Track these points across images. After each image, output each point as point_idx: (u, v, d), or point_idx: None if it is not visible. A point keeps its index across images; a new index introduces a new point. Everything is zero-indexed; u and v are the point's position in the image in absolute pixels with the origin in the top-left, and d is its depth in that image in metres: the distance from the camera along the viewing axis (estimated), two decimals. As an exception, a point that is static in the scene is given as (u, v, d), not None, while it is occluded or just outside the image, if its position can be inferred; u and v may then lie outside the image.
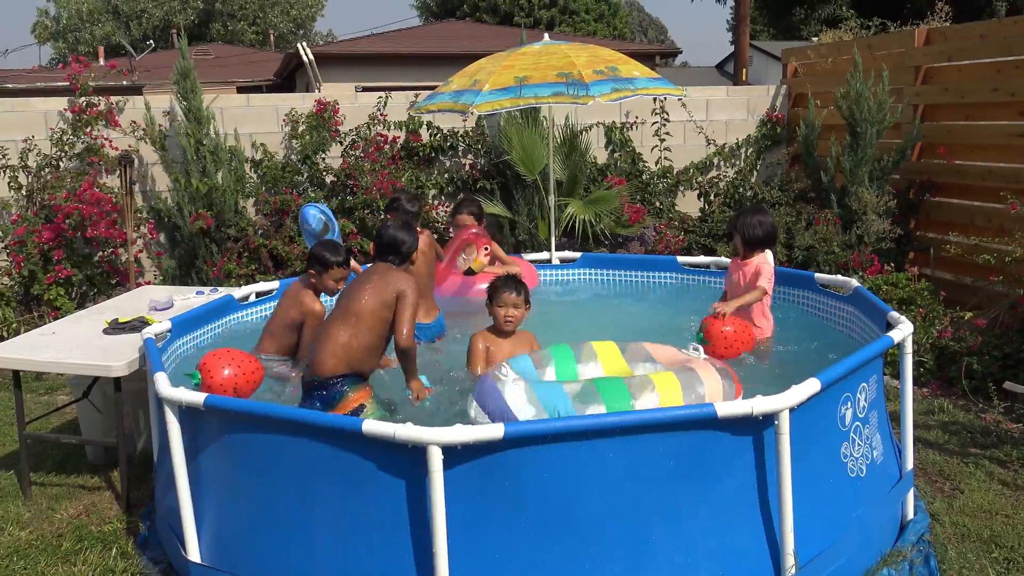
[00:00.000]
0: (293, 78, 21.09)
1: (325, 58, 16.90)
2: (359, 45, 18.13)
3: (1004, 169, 6.59)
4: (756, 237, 4.57)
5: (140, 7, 37.43)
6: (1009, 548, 3.52)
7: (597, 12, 29.36)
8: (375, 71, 17.20)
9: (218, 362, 3.56)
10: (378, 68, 17.28)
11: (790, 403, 2.82)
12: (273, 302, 5.02)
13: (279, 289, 5.18)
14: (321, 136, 7.81)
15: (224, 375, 3.52)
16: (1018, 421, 4.83)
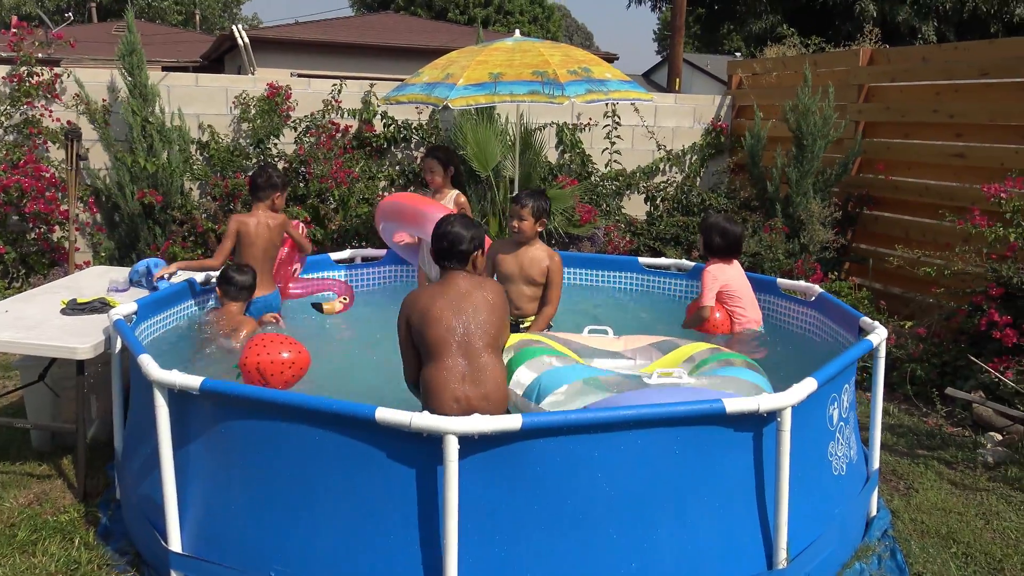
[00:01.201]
0: (222, 61, 20.49)
1: (260, 42, 16.48)
2: (296, 31, 17.75)
3: (940, 187, 6.94)
4: (714, 244, 4.78)
5: (54, -23, 35.76)
6: (966, 544, 3.72)
7: (531, 14, 29.51)
8: (311, 59, 16.87)
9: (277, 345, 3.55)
10: (314, 56, 16.96)
11: (793, 401, 2.92)
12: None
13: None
14: (272, 121, 7.63)
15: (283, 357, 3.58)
16: (958, 425, 5.09)
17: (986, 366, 5.02)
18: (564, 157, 8.84)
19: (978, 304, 5.38)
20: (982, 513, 4.00)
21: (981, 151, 6.57)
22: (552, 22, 31.19)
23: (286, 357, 3.67)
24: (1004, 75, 6.41)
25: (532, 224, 4.53)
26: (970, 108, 6.69)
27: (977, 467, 4.49)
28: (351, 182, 7.32)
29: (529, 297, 4.69)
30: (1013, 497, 4.17)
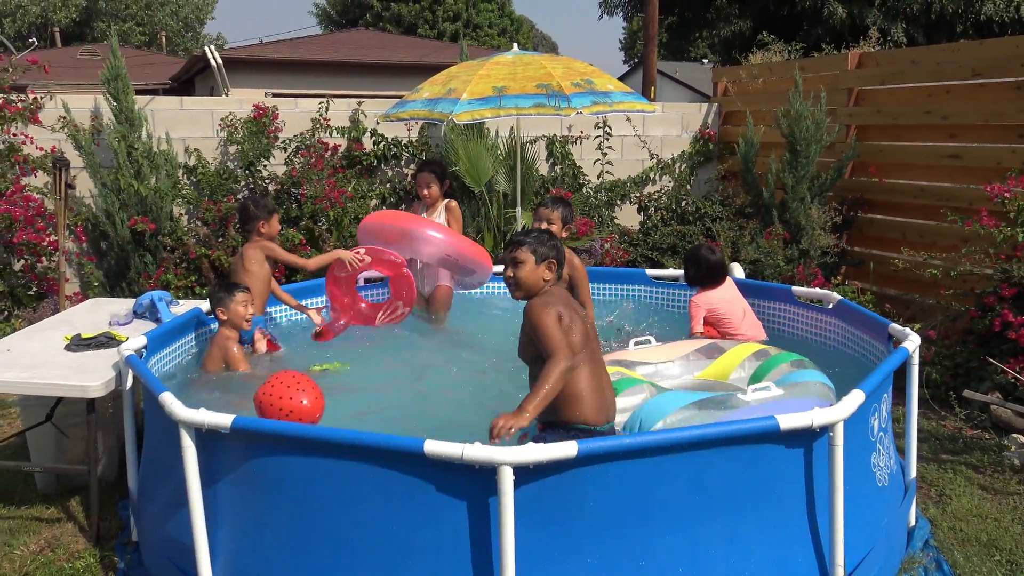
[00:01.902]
0: (192, 82, 20.25)
1: (232, 62, 16.30)
2: (268, 50, 17.58)
3: (936, 188, 6.96)
4: (694, 275, 4.89)
5: (15, 3, 35.18)
6: (1008, 551, 3.67)
7: (500, 27, 29.56)
8: (285, 78, 16.72)
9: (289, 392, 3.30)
10: (288, 75, 16.81)
11: (845, 414, 2.85)
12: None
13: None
14: (261, 142, 7.48)
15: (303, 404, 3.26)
16: (977, 427, 5.07)
17: (1004, 367, 5.01)
18: (555, 170, 8.78)
19: (989, 305, 5.37)
20: (1019, 518, 3.96)
21: (977, 151, 6.59)
22: (521, 34, 31.27)
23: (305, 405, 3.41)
24: (996, 75, 6.44)
25: (560, 229, 4.59)
26: (963, 109, 6.71)
27: (1005, 470, 4.46)
28: (344, 201, 7.19)
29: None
30: (1045, 500, 4.13)
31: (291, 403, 3.23)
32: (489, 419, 2.92)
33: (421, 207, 5.68)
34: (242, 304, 4.39)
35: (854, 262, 7.63)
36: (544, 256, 3.27)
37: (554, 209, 4.63)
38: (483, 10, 29.37)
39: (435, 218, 5.48)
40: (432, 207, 5.51)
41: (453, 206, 5.53)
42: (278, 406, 3.28)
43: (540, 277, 3.28)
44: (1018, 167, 6.05)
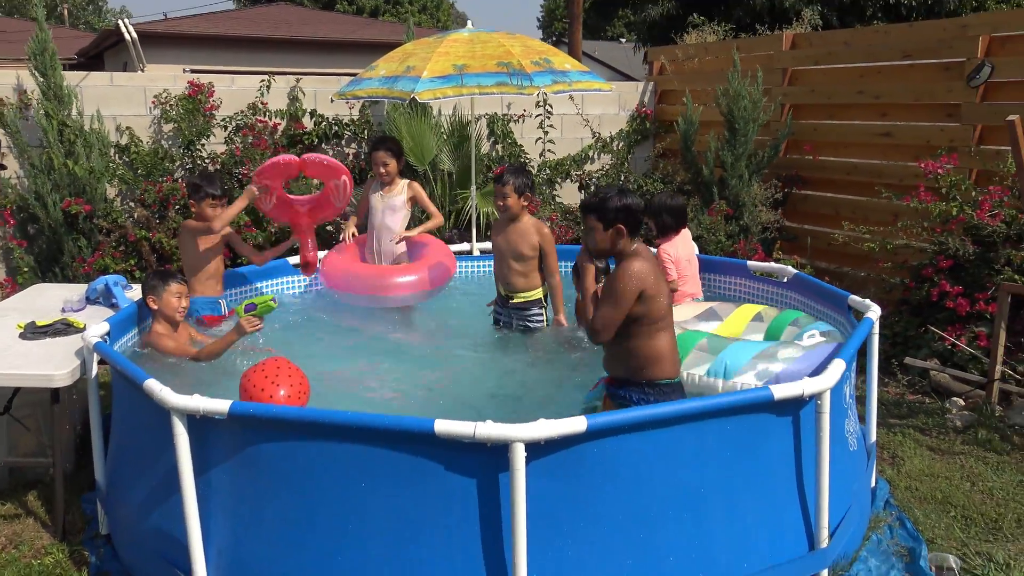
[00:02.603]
0: (101, 57, 19.40)
1: (147, 37, 15.67)
2: (186, 25, 16.94)
3: (869, 165, 7.24)
4: (666, 223, 4.98)
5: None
6: (962, 507, 3.90)
7: (421, 3, 29.18)
8: (203, 54, 16.17)
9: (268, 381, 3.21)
10: (206, 51, 16.26)
11: (832, 383, 2.97)
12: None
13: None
14: (197, 121, 7.24)
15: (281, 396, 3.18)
16: (917, 392, 5.34)
17: (943, 334, 5.29)
18: (496, 149, 8.77)
19: (926, 276, 5.64)
20: (966, 476, 4.21)
21: (908, 130, 6.88)
22: (442, 11, 30.96)
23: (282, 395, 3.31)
24: (926, 56, 6.72)
25: (517, 200, 4.70)
26: (894, 89, 6.99)
27: (949, 432, 4.72)
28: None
29: (518, 272, 4.83)
30: (988, 458, 4.39)
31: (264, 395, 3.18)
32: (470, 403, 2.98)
33: (376, 184, 5.55)
34: (176, 296, 4.15)
35: (789, 237, 7.89)
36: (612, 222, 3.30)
37: (506, 182, 4.65)
38: (403, -14, 28.96)
39: (394, 198, 5.36)
40: (391, 185, 5.40)
41: (417, 187, 5.45)
42: (257, 397, 3.22)
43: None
44: (947, 145, 6.36)
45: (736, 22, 18.10)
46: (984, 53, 6.23)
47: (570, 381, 4.23)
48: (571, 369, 4.40)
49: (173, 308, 4.15)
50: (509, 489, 2.55)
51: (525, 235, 4.72)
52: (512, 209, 4.71)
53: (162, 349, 4.10)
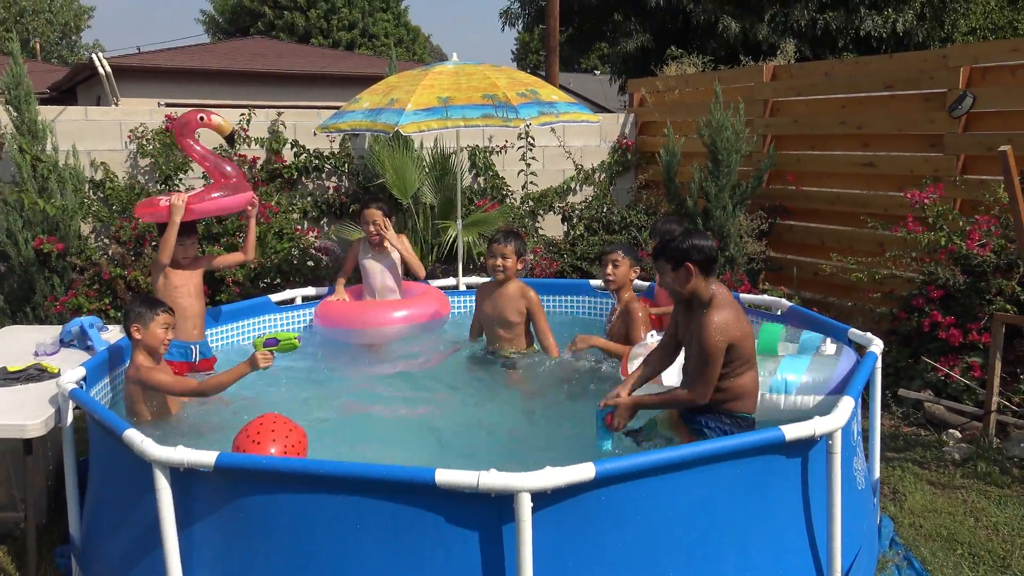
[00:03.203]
0: (74, 91, 19.21)
1: (121, 71, 15.52)
2: (162, 58, 16.80)
3: (852, 195, 7.24)
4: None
5: None
6: (968, 544, 3.81)
7: (397, 36, 29.29)
8: (178, 87, 16.04)
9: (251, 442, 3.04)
10: (181, 84, 16.14)
11: (842, 422, 2.88)
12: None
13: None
14: (175, 155, 7.10)
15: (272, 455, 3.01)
16: (912, 425, 5.27)
17: (937, 365, 5.23)
18: (478, 181, 8.70)
19: (916, 306, 5.60)
20: (970, 511, 4.12)
21: (891, 160, 6.89)
22: (417, 44, 31.10)
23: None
24: (907, 87, 6.76)
25: (515, 262, 4.72)
26: (876, 119, 7.01)
27: (947, 465, 4.64)
28: (271, 216, 6.90)
29: (505, 338, 4.86)
30: (990, 492, 4.32)
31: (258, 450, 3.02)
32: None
33: (364, 244, 5.54)
34: (163, 327, 3.91)
35: (774, 268, 7.86)
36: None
37: (507, 243, 4.74)
38: (379, 20, 29.05)
39: (388, 257, 5.41)
40: (381, 244, 5.42)
41: (404, 239, 5.52)
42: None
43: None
44: (931, 175, 6.36)
45: (711, 54, 18.27)
46: (965, 84, 6.26)
47: (567, 415, 4.11)
48: (568, 402, 4.29)
49: (159, 340, 3.90)
50: (514, 541, 2.42)
51: (512, 300, 4.74)
52: (509, 272, 4.74)
53: (154, 383, 3.82)
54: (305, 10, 28.02)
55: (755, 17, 18.50)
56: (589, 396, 4.22)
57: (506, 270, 4.70)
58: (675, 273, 3.25)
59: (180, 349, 4.57)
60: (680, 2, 18.60)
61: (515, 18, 20.56)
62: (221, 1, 30.69)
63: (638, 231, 8.20)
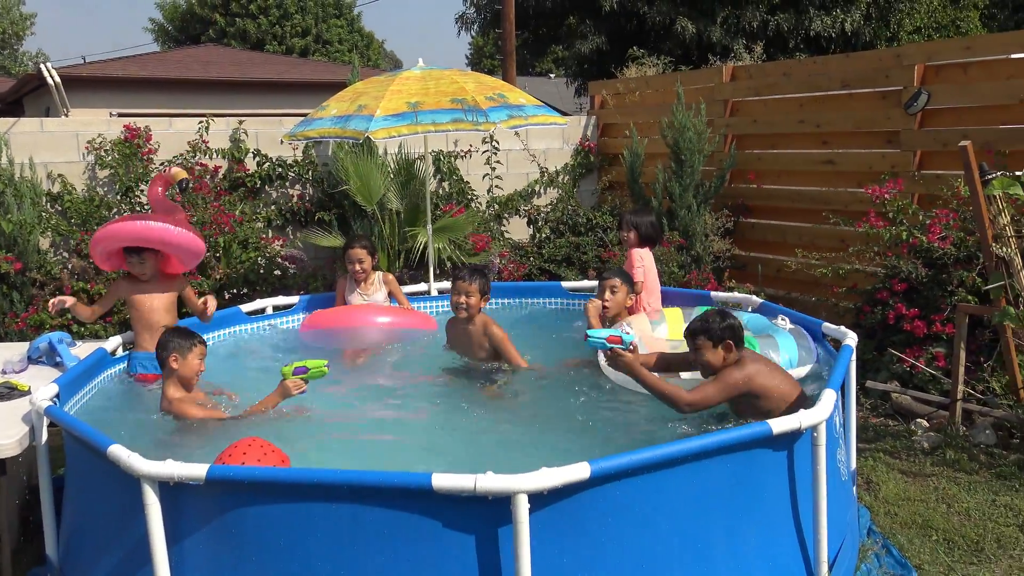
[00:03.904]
0: (21, 103, 18.77)
1: (70, 81, 15.19)
2: (113, 68, 16.49)
3: (813, 192, 7.38)
4: (648, 233, 5.37)
5: None
6: (942, 531, 3.90)
7: (351, 43, 29.11)
8: (129, 97, 15.75)
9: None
10: (132, 93, 15.85)
11: (827, 414, 2.94)
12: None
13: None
14: (134, 166, 6.98)
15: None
16: (881, 416, 5.39)
17: (904, 357, 5.36)
18: (443, 186, 8.69)
19: (882, 300, 5.72)
20: (941, 498, 4.23)
21: (850, 157, 7.04)
22: (372, 50, 30.94)
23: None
24: (864, 85, 6.91)
25: (479, 300, 4.68)
26: (834, 117, 7.15)
27: (917, 454, 4.75)
28: (236, 226, 6.81)
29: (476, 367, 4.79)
30: (959, 478, 4.43)
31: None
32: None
33: (350, 284, 5.54)
34: (199, 358, 4.02)
35: (739, 265, 7.97)
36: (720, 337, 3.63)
37: (471, 282, 4.67)
38: (333, 26, 28.84)
39: (373, 295, 5.45)
40: (366, 282, 5.43)
41: (390, 278, 5.61)
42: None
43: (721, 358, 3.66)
44: (889, 171, 6.52)
45: (666, 55, 18.49)
46: (920, 81, 6.42)
47: (549, 421, 4.12)
48: (548, 408, 4.29)
49: (194, 371, 4.00)
50: (512, 543, 2.43)
51: (476, 336, 4.71)
52: (472, 310, 4.68)
53: (185, 416, 3.86)
54: (257, 17, 27.72)
55: (708, 19, 18.77)
56: (567, 401, 4.24)
57: (469, 308, 4.66)
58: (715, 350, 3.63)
59: (153, 361, 4.50)
60: (635, 4, 18.78)
61: (470, 23, 20.59)
62: (170, 9, 30.22)
63: (604, 232, 8.26)
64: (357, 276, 5.46)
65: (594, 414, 4.01)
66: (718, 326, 3.61)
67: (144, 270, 4.60)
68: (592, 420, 3.94)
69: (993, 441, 4.73)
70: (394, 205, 7.90)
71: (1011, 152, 5.73)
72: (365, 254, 5.42)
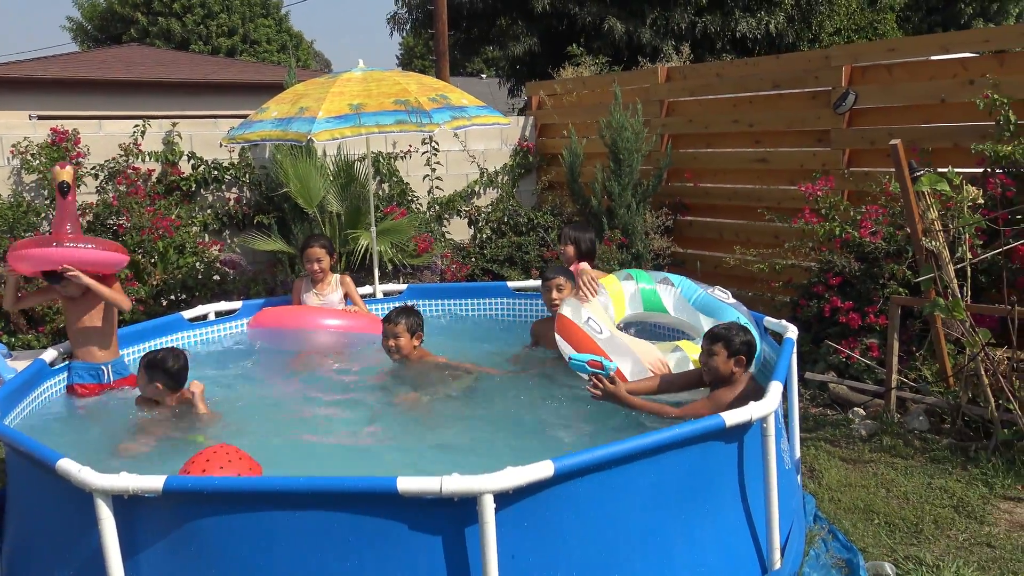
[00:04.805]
0: (-69, 105, 17.93)
1: (-15, 82, 14.61)
2: (33, 68, 15.89)
3: (748, 190, 7.58)
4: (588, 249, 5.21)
5: None
6: (884, 514, 4.05)
7: (280, 42, 28.64)
8: (49, 98, 15.21)
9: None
10: (54, 95, 15.31)
11: (774, 406, 3.03)
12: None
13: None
14: (64, 170, 6.75)
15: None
16: (819, 405, 5.56)
17: (840, 348, 5.54)
18: (383, 188, 8.64)
19: (817, 293, 5.91)
20: (880, 483, 4.39)
21: (782, 155, 7.24)
22: (301, 49, 30.49)
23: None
24: (794, 86, 7.12)
25: (409, 340, 4.56)
26: (767, 117, 7.36)
27: (856, 441, 4.92)
28: (175, 230, 6.66)
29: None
30: (896, 463, 4.61)
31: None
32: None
33: (306, 282, 5.47)
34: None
35: (678, 262, 8.13)
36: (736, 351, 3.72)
37: (397, 323, 4.54)
38: (260, 25, 28.32)
39: (328, 295, 5.39)
40: (323, 282, 5.37)
41: (348, 280, 5.54)
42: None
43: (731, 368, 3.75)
44: (820, 168, 6.73)
45: (597, 55, 18.65)
46: (848, 82, 6.65)
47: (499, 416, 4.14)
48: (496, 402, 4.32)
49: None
50: (479, 543, 2.44)
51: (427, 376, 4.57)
52: (404, 350, 4.54)
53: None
54: (181, 16, 27.05)
55: (638, 20, 19.01)
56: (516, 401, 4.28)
57: (400, 349, 4.54)
58: (728, 360, 3.71)
59: (91, 371, 4.37)
60: (565, 5, 18.91)
61: (402, 23, 20.46)
62: (90, 8, 29.25)
63: (545, 232, 8.33)
64: (315, 276, 5.40)
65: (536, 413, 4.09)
66: (739, 340, 3.72)
67: (71, 291, 4.37)
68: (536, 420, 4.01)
69: (926, 427, 4.93)
70: (334, 207, 7.82)
71: (934, 149, 5.98)
72: (324, 253, 5.36)
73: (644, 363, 4.17)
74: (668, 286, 4.76)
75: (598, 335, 4.21)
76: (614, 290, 4.76)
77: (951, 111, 5.98)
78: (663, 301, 4.74)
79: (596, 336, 4.20)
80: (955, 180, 4.74)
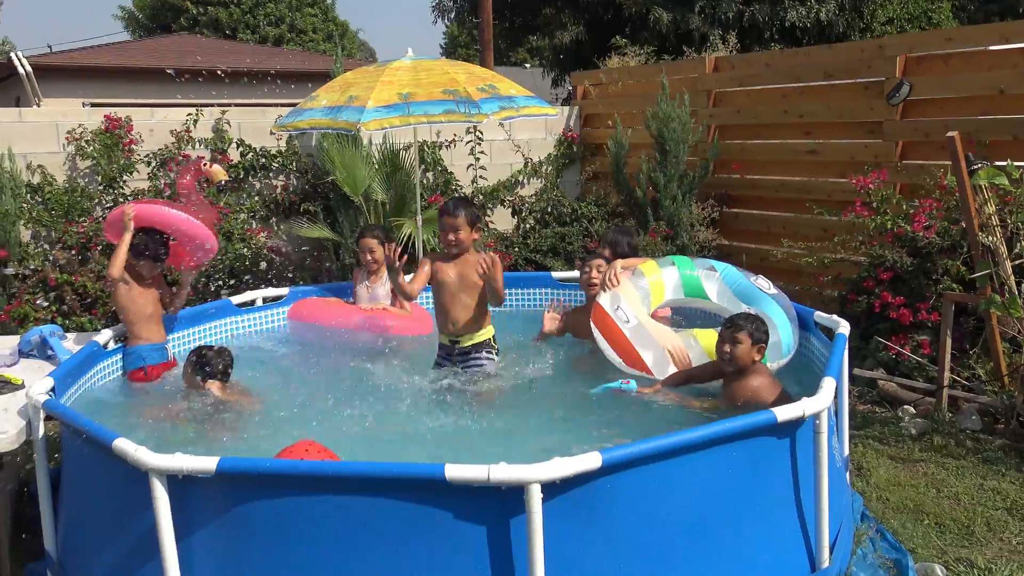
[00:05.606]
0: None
1: (42, 70, 14.93)
2: (86, 57, 16.22)
3: (796, 182, 7.45)
4: (625, 252, 5.17)
5: None
6: (934, 515, 3.98)
7: (326, 32, 28.85)
8: (101, 86, 15.49)
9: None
10: (106, 83, 15.58)
11: (828, 402, 2.98)
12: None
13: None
14: (116, 157, 6.89)
15: None
16: (868, 403, 5.47)
17: (891, 344, 5.44)
18: (427, 177, 8.66)
19: (867, 288, 5.80)
20: (931, 483, 4.31)
21: (833, 147, 7.11)
22: (347, 39, 30.69)
23: None
24: (846, 76, 6.98)
25: (469, 233, 4.39)
26: (817, 108, 7.22)
27: (905, 440, 4.83)
28: (223, 217, 6.76)
29: (467, 307, 4.44)
30: (947, 463, 4.51)
31: None
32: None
33: (363, 274, 5.48)
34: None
35: (724, 255, 8.03)
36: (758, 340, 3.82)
37: (456, 215, 4.32)
38: (307, 15, 28.56)
39: (376, 287, 5.39)
40: (376, 274, 5.36)
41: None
42: None
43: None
44: (872, 161, 6.59)
45: (643, 44, 18.50)
46: (902, 72, 6.50)
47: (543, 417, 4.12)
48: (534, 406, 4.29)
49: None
50: (525, 533, 2.44)
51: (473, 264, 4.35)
52: (464, 244, 4.37)
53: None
54: (229, 5, 27.38)
55: (686, 8, 18.79)
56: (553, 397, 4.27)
57: (460, 243, 4.34)
58: (752, 346, 3.79)
59: (158, 351, 4.46)
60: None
61: (447, 11, 20.48)
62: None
63: (589, 222, 8.29)
64: (369, 267, 5.40)
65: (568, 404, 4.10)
66: (762, 331, 3.83)
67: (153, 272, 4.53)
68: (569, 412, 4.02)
69: (979, 427, 4.82)
70: (379, 196, 7.87)
71: (991, 142, 5.81)
72: (376, 244, 5.30)
73: (666, 352, 4.26)
74: (711, 272, 4.73)
75: (625, 324, 4.25)
76: (654, 276, 4.73)
77: (1010, 103, 5.81)
78: (704, 288, 4.71)
79: (623, 325, 4.24)
80: (1014, 174, 4.62)
